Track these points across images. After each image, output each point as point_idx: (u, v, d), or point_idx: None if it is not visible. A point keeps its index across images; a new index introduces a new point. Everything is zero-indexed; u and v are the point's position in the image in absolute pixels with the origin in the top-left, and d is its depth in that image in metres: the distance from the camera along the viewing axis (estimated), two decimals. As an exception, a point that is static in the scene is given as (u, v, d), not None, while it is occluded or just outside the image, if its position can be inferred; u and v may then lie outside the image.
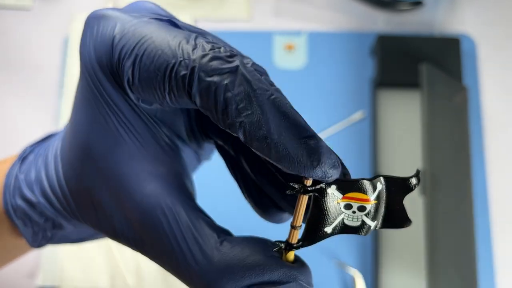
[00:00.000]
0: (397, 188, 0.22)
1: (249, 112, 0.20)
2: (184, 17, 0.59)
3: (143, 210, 0.23)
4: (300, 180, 0.21)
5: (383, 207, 0.23)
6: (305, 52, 0.58)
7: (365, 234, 0.23)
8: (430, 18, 0.60)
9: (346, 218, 0.22)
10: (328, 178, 0.20)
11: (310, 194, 0.21)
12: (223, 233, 0.24)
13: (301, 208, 0.22)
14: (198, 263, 0.22)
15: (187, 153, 0.28)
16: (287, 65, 0.58)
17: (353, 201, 0.22)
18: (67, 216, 0.27)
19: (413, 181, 0.22)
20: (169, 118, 0.26)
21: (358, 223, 0.22)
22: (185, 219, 0.23)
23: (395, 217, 0.23)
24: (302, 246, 0.23)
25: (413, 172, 0.22)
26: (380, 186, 0.22)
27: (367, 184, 0.22)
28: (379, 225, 0.23)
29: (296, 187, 0.21)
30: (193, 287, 0.23)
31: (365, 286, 0.51)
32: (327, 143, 0.22)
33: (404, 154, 0.55)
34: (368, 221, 0.22)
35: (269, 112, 0.21)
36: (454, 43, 0.57)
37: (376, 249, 0.52)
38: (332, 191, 0.22)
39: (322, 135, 0.56)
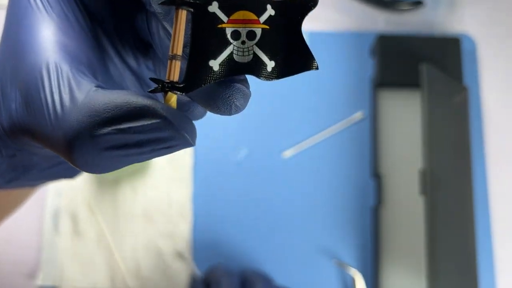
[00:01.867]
0: (292, 11, 0.20)
1: None
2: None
3: (30, 69, 0.20)
4: None
5: (278, 38, 0.19)
6: (305, 52, 0.58)
7: (265, 79, 0.19)
8: (430, 18, 0.60)
9: (236, 52, 0.19)
10: None
11: (186, 8, 0.18)
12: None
13: (179, 29, 0.18)
14: (64, 107, 0.19)
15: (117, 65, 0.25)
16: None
17: (240, 25, 0.19)
18: None
19: (309, 0, 0.20)
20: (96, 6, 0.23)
21: (250, 58, 0.19)
22: (66, 72, 0.20)
23: (296, 54, 0.20)
24: (187, 87, 0.18)
25: (416, 173, 0.21)
26: (271, 10, 0.19)
27: (254, 1, 0.19)
28: (278, 67, 0.19)
29: None
30: (56, 140, 0.20)
31: (365, 286, 0.51)
32: (327, 143, 0.22)
33: (404, 154, 0.55)
34: (262, 56, 0.19)
35: None
36: (454, 43, 0.57)
37: (376, 249, 0.52)
38: (214, 9, 0.18)
39: (322, 135, 0.56)
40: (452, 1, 0.61)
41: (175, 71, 0.18)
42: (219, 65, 0.19)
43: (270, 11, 0.19)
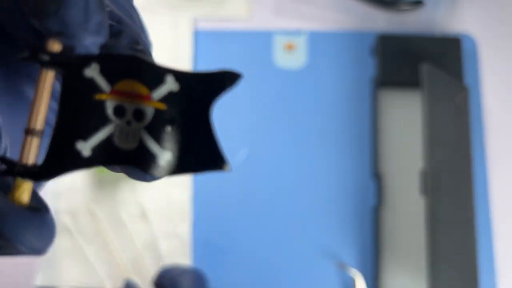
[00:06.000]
0: (201, 89, 0.14)
1: None
2: (184, 17, 0.59)
3: None
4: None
5: (179, 123, 0.14)
6: (305, 52, 0.58)
7: (155, 174, 0.15)
8: (431, 18, 0.60)
9: (117, 134, 0.14)
10: (72, 37, 0.13)
11: (53, 68, 0.13)
12: None
13: (44, 95, 0.13)
14: None
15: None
16: (287, 65, 0.58)
17: (126, 99, 0.14)
18: None
19: (223, 73, 0.15)
20: None
21: (134, 144, 0.14)
22: None
23: (200, 145, 0.15)
24: (42, 174, 0.14)
25: (416, 173, 0.20)
26: (172, 84, 0.14)
27: (149, 70, 0.14)
28: (175, 162, 0.14)
29: (29, 50, 0.13)
30: None
31: (365, 287, 0.51)
32: (328, 142, 0.21)
33: (405, 154, 0.55)
34: (152, 144, 0.14)
35: None
36: (455, 42, 0.56)
37: (376, 250, 0.52)
38: (92, 73, 0.14)
39: (322, 135, 0.55)
40: (453, 1, 0.61)
41: (31, 151, 0.14)
42: (91, 149, 0.14)
43: (170, 85, 0.14)
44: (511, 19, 0.61)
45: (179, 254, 0.52)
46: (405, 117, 0.56)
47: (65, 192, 0.53)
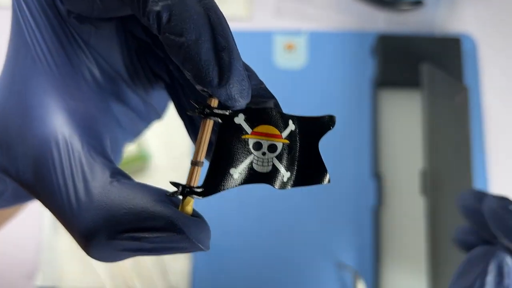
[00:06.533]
0: (311, 128, 0.21)
1: (169, 3, 0.18)
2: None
3: (39, 142, 0.20)
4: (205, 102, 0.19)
5: (297, 152, 0.20)
6: (305, 52, 0.58)
7: (279, 187, 0.20)
8: (431, 18, 0.60)
9: (255, 161, 0.20)
10: (233, 103, 0.18)
11: (213, 118, 0.19)
12: (119, 175, 0.20)
13: (205, 137, 0.19)
14: (79, 201, 0.19)
15: (130, 100, 0.25)
16: (287, 65, 0.58)
17: (263, 137, 0.20)
18: None
19: (326, 118, 0.21)
20: (105, 48, 0.23)
21: (269, 168, 0.20)
22: (78, 153, 0.20)
23: (311, 167, 0.21)
24: (205, 192, 0.19)
25: (416, 173, 0.22)
26: (292, 126, 0.20)
27: (278, 117, 0.20)
28: (293, 178, 0.20)
29: (197, 106, 0.19)
30: (71, 230, 0.20)
31: (365, 287, 0.51)
32: (327, 142, 0.22)
33: (405, 154, 0.55)
34: (280, 167, 0.20)
35: (193, 8, 0.18)
36: (455, 43, 0.56)
37: (376, 250, 0.52)
38: (240, 121, 0.19)
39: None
40: (453, 1, 0.61)
41: (196, 177, 0.19)
42: (239, 173, 0.19)
43: (291, 126, 0.20)
44: (511, 19, 0.61)
45: (179, 255, 0.52)
46: (405, 117, 0.56)
47: (65, 192, 0.53)
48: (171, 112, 0.52)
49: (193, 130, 0.24)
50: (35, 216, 0.53)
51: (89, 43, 0.23)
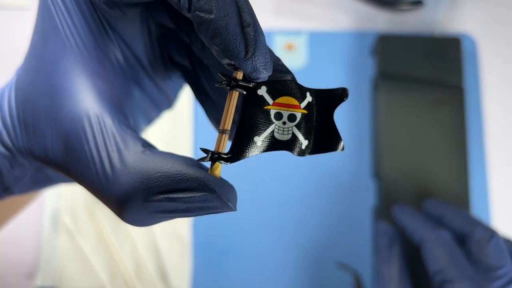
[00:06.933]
0: (326, 100, 0.22)
1: None
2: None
3: (71, 119, 0.21)
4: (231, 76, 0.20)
5: (314, 121, 0.22)
6: (305, 52, 0.58)
7: (298, 155, 0.22)
8: (431, 18, 0.60)
9: (277, 130, 0.21)
10: (257, 74, 0.20)
11: (239, 90, 0.20)
12: (150, 146, 0.22)
13: (231, 107, 0.20)
14: (114, 169, 0.20)
15: (147, 86, 0.27)
16: (287, 64, 0.58)
17: (283, 108, 0.21)
18: (15, 152, 0.24)
19: (340, 90, 0.22)
20: (129, 35, 0.24)
21: (289, 137, 0.21)
22: (110, 127, 0.21)
23: (326, 135, 0.22)
24: (232, 158, 0.21)
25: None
26: (310, 97, 0.22)
27: (297, 89, 0.22)
28: (311, 145, 0.22)
29: (225, 79, 0.20)
30: (105, 198, 0.21)
31: (365, 287, 0.51)
32: None
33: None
34: (299, 135, 0.22)
35: None
36: (455, 43, 0.56)
37: (376, 250, 0.52)
38: (262, 93, 0.21)
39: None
40: (453, 1, 0.61)
41: (224, 143, 0.21)
42: (262, 140, 0.21)
43: (309, 98, 0.22)
44: (511, 19, 0.61)
45: (179, 255, 0.52)
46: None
47: (65, 192, 0.53)
48: (173, 114, 0.53)
49: (211, 113, 0.26)
50: (35, 216, 0.53)
51: (116, 29, 0.24)
